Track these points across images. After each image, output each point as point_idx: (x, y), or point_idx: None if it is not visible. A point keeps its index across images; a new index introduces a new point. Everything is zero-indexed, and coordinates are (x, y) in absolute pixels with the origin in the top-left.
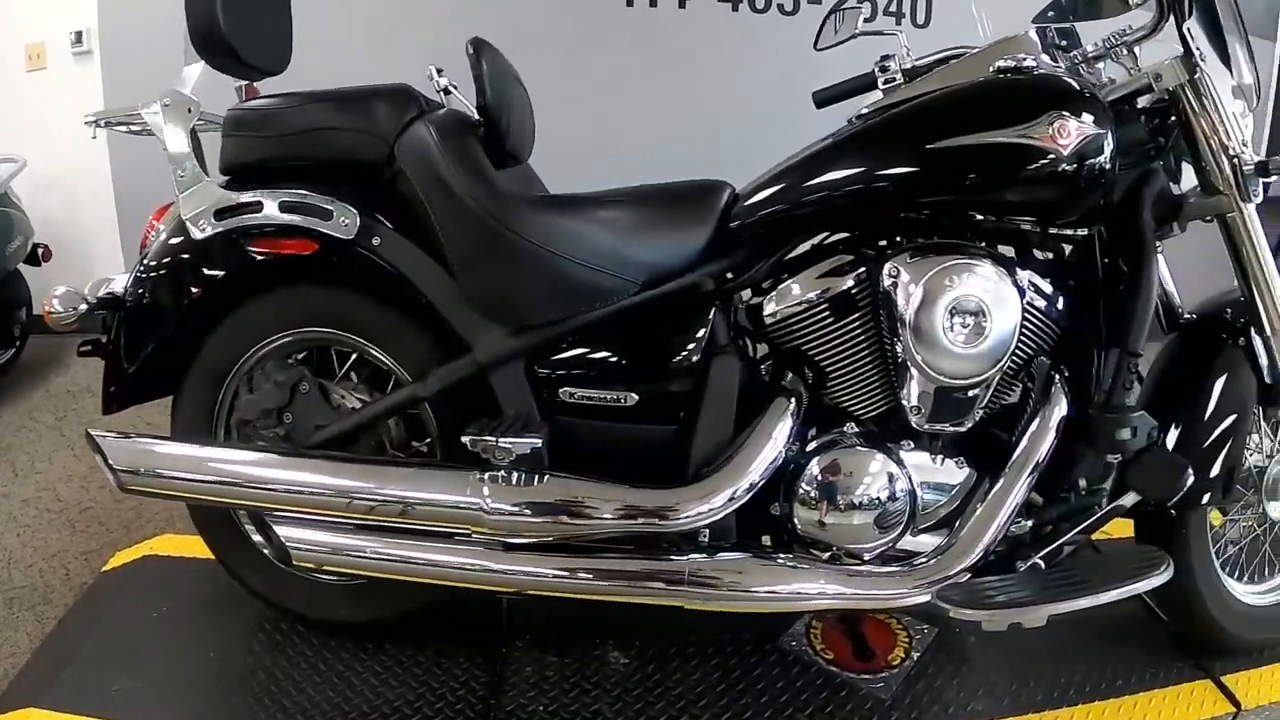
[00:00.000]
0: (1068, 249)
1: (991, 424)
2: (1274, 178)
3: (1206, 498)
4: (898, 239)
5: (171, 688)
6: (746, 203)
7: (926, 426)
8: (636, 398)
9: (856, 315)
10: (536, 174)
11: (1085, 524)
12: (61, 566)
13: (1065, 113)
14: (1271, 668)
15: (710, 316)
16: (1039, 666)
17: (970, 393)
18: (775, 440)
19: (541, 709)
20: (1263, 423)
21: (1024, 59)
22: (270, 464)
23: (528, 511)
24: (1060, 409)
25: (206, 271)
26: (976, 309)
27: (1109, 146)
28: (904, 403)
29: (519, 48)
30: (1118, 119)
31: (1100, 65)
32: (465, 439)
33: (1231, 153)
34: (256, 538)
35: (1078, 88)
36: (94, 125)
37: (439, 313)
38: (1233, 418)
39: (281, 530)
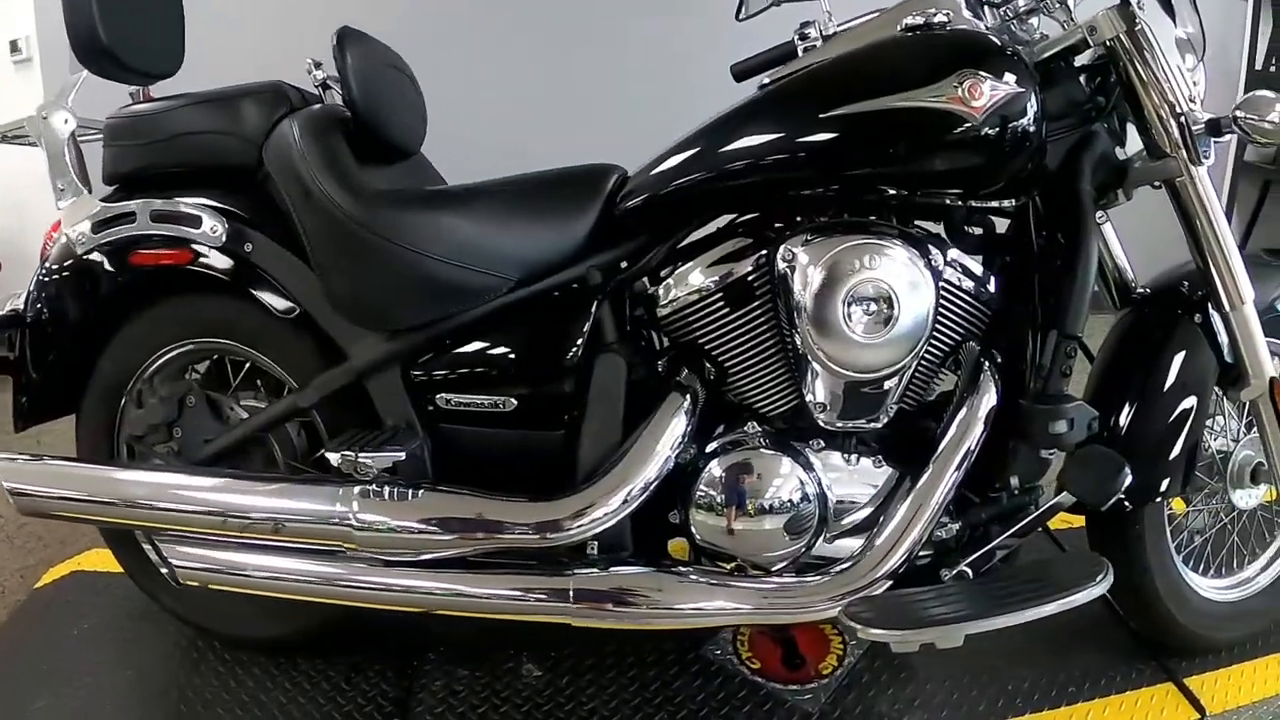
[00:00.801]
0: (1003, 224)
1: (921, 418)
2: (1227, 137)
3: (1163, 489)
4: (799, 219)
5: (88, 707)
6: (633, 186)
7: (834, 424)
8: (516, 402)
9: (755, 304)
10: (431, 166)
11: (1018, 527)
12: None
13: (978, 71)
14: (1239, 668)
15: (594, 311)
16: (984, 673)
17: (879, 386)
18: (664, 443)
19: None
20: (1225, 405)
21: (934, 14)
22: (144, 482)
23: (398, 527)
24: (989, 399)
25: (90, 285)
26: (880, 294)
27: (1032, 107)
28: (808, 399)
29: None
30: (1050, 78)
31: (1034, 20)
32: (328, 453)
33: (1178, 111)
34: (155, 556)
35: (994, 44)
36: None
37: (314, 320)
38: (1189, 401)
39: (166, 548)
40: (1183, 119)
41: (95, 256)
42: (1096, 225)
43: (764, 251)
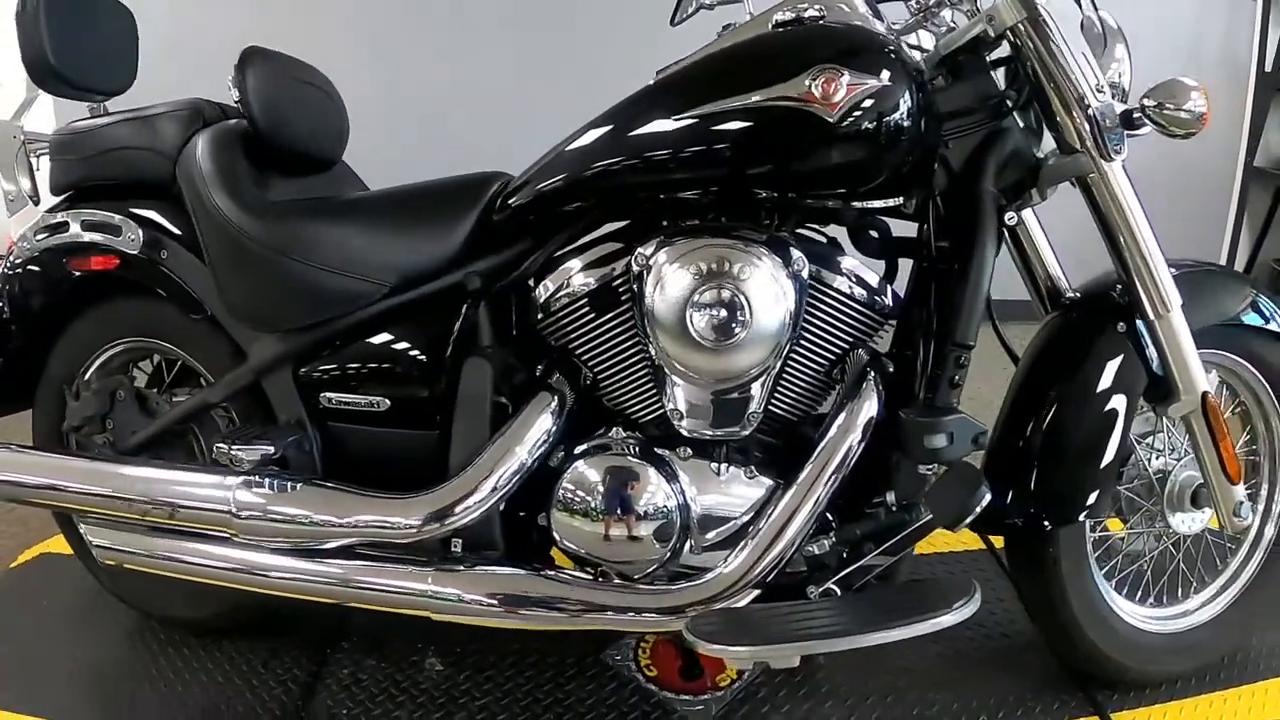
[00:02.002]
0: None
1: (809, 428)
2: (1143, 130)
3: (1077, 510)
4: (666, 224)
5: (28, 683)
6: (506, 193)
7: (694, 432)
8: (389, 403)
9: (619, 310)
10: (351, 174)
11: (887, 545)
12: None
13: (836, 66)
14: (1174, 705)
15: (466, 316)
16: (890, 694)
17: (737, 394)
18: (522, 444)
19: (345, 712)
20: (1163, 421)
21: (805, 9)
22: (58, 468)
23: (273, 517)
24: (869, 410)
25: (37, 288)
26: (728, 300)
27: (904, 103)
28: (667, 406)
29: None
30: (957, 72)
31: (945, 14)
32: (215, 445)
33: (1085, 103)
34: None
35: (859, 38)
36: None
37: (220, 322)
38: (1110, 416)
39: (87, 529)
40: (1090, 111)
41: (40, 261)
42: (999, 227)
43: (629, 258)
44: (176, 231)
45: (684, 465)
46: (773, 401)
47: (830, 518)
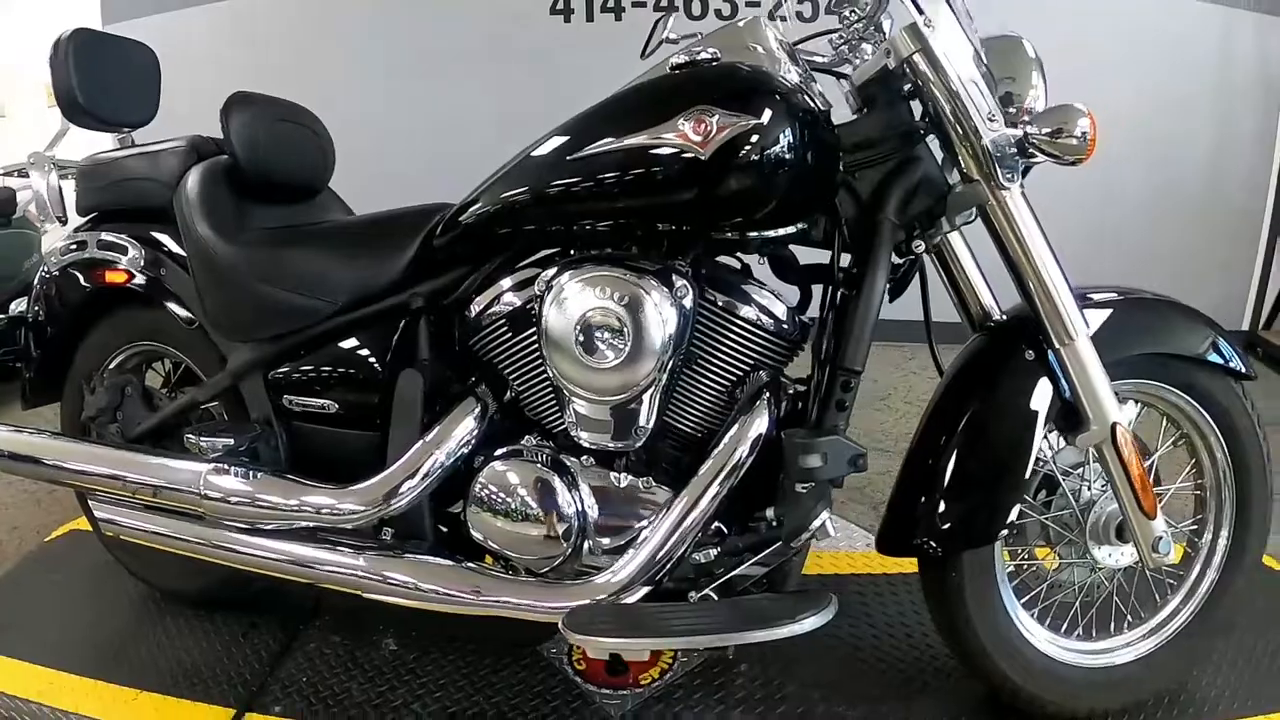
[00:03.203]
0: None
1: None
2: (1043, 159)
3: (982, 537)
4: (573, 251)
5: (43, 639)
6: (445, 222)
7: (591, 443)
8: (337, 406)
9: (530, 330)
10: (337, 200)
11: (759, 556)
12: (19, 538)
13: (710, 107)
14: None
15: (404, 333)
16: (803, 704)
17: (624, 410)
18: (443, 446)
19: (304, 681)
20: (1091, 453)
21: (699, 52)
22: (63, 450)
23: (232, 500)
24: (758, 427)
25: (65, 296)
26: (610, 324)
27: (786, 137)
28: (566, 418)
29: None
30: (870, 103)
31: (867, 47)
32: (186, 435)
33: (979, 132)
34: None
35: (738, 78)
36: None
37: (206, 332)
38: (1016, 443)
39: (93, 504)
40: (984, 141)
41: (65, 274)
42: (890, 256)
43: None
44: (173, 253)
45: (585, 473)
46: (672, 417)
47: (724, 528)
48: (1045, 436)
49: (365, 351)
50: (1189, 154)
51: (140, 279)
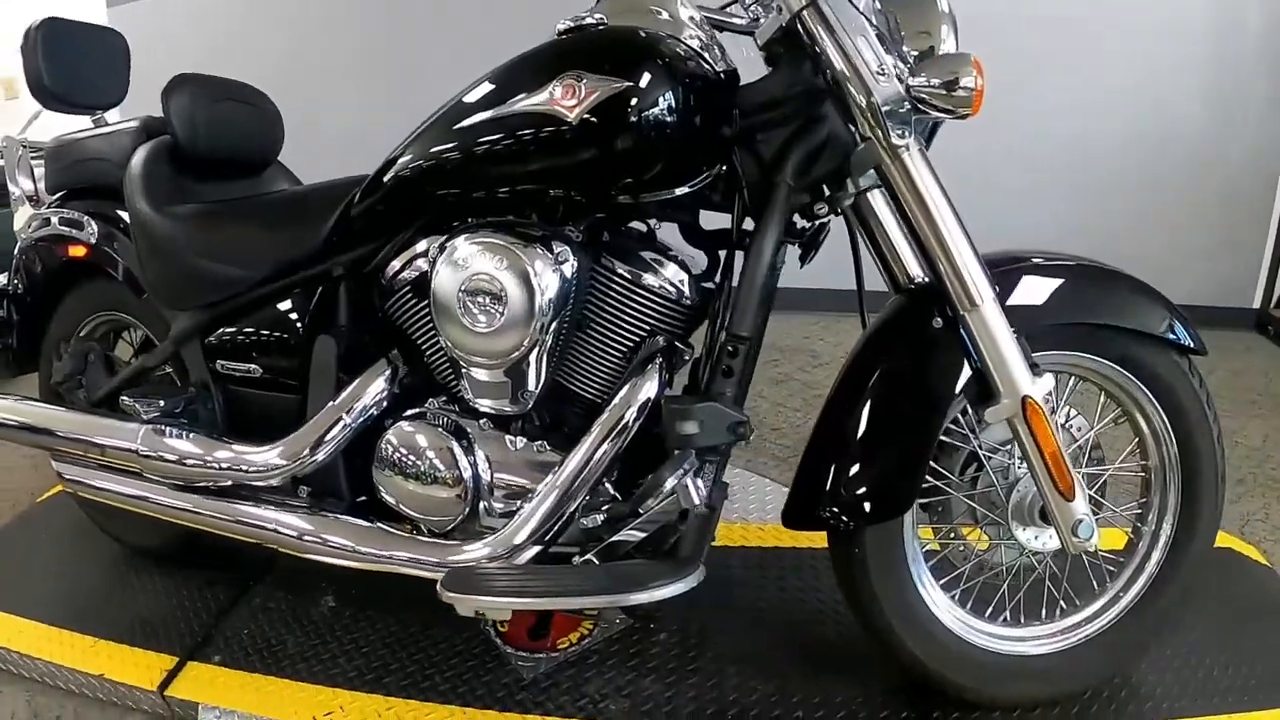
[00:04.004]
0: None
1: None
2: (946, 115)
3: (883, 511)
4: (472, 220)
5: (25, 592)
6: (360, 192)
7: (481, 406)
8: (261, 370)
9: (427, 295)
10: (286, 173)
11: (636, 522)
12: (14, 501)
13: (581, 72)
14: None
15: (322, 300)
16: (715, 677)
17: (511, 375)
18: (351, 408)
19: (245, 633)
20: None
21: (584, 17)
22: (22, 412)
23: (163, 457)
24: (647, 392)
25: (35, 270)
26: (489, 289)
27: (657, 100)
28: (461, 382)
29: None
30: (773, 64)
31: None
32: (121, 398)
33: (868, 88)
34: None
35: (613, 42)
36: None
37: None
38: (919, 414)
39: (55, 464)
40: (871, 97)
41: (36, 249)
42: (785, 220)
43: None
44: (125, 228)
45: (483, 436)
46: (569, 381)
47: (618, 495)
48: (967, 410)
49: (286, 318)
50: (1193, 126)
51: (97, 253)
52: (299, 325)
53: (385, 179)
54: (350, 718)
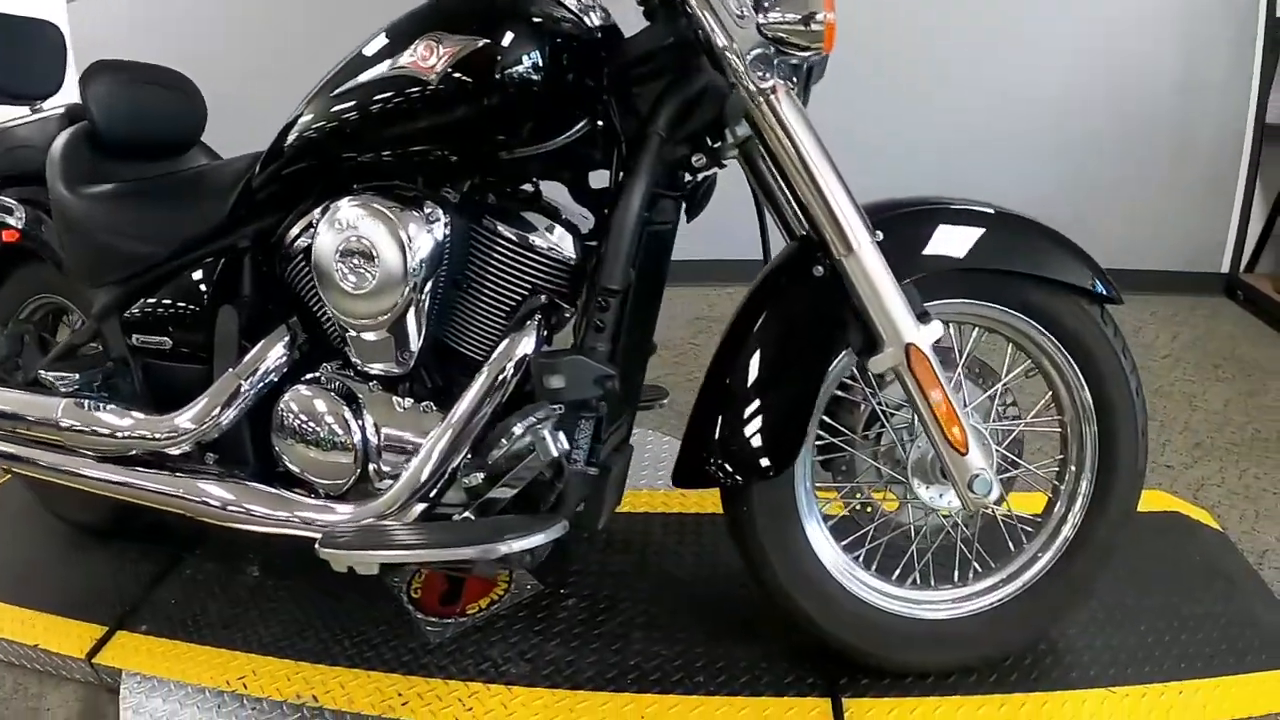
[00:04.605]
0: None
1: None
2: (802, 53)
3: (767, 466)
4: (355, 185)
5: None
6: (259, 164)
7: (365, 368)
8: (170, 342)
9: None
10: (208, 152)
11: (507, 477)
12: None
13: (441, 32)
14: (911, 702)
15: (225, 273)
16: (618, 641)
17: (389, 335)
18: (249, 375)
19: (172, 603)
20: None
21: None
22: None
23: (78, 429)
24: (524, 349)
25: None
26: (363, 250)
27: (523, 57)
28: (347, 345)
29: None
30: (650, 16)
31: None
32: (38, 373)
33: (729, 32)
34: None
35: (475, 4)
36: None
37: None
38: (800, 366)
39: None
40: (734, 42)
41: None
42: (652, 171)
43: None
44: (49, 212)
45: (371, 399)
46: (453, 341)
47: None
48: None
49: (194, 291)
50: (1157, 82)
51: (28, 237)
52: (205, 297)
53: (278, 147)
54: (261, 682)
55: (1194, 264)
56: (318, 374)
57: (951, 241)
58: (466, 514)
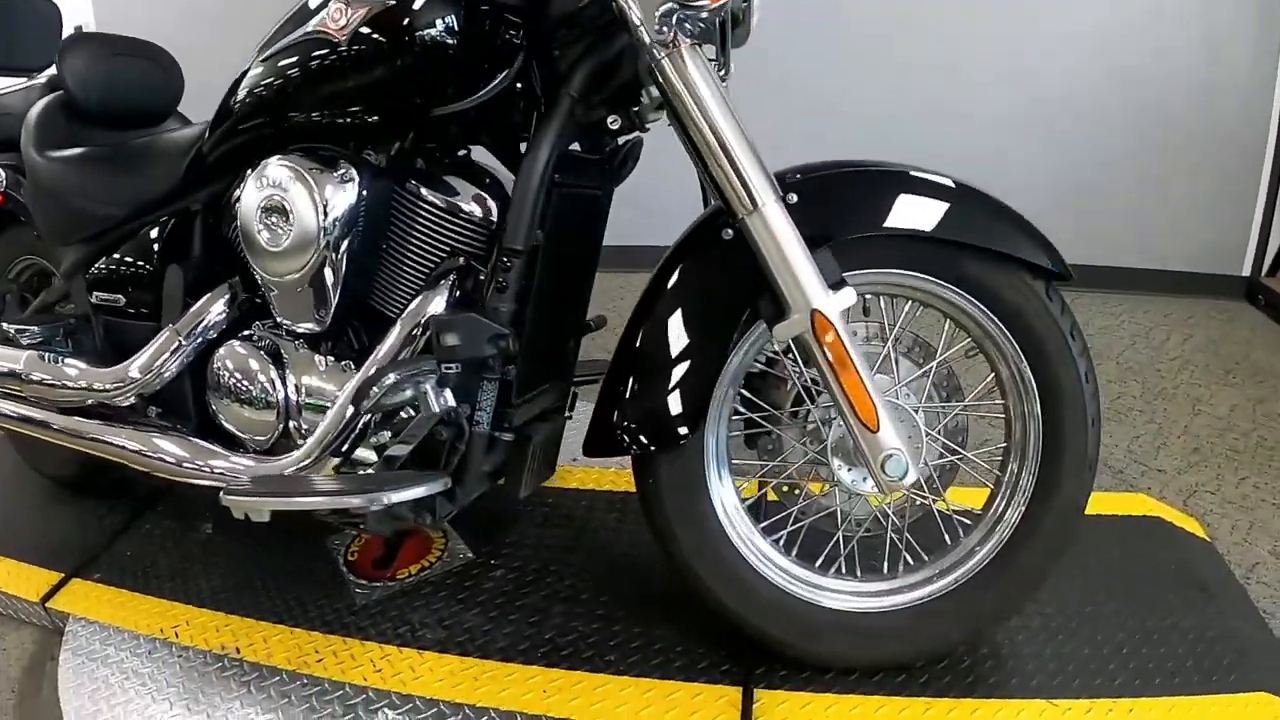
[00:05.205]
0: None
1: None
2: (707, 8)
3: (666, 436)
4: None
5: None
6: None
7: (287, 324)
8: (124, 299)
9: None
10: (185, 122)
11: (402, 433)
12: None
13: None
14: (826, 698)
15: (171, 232)
16: (538, 615)
17: (306, 293)
18: (187, 331)
19: (129, 554)
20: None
21: None
22: None
23: (37, 381)
24: (435, 307)
25: None
26: (276, 209)
27: (429, 19)
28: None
29: None
30: None
31: None
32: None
33: None
34: None
35: None
36: None
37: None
38: (702, 333)
39: None
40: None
41: None
42: (554, 132)
43: None
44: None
45: (295, 357)
46: (377, 303)
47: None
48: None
49: (146, 251)
50: (1178, 81)
51: (10, 200)
52: (153, 257)
53: (223, 109)
54: (192, 632)
55: (1214, 266)
56: (249, 332)
57: (873, 206)
58: (368, 470)
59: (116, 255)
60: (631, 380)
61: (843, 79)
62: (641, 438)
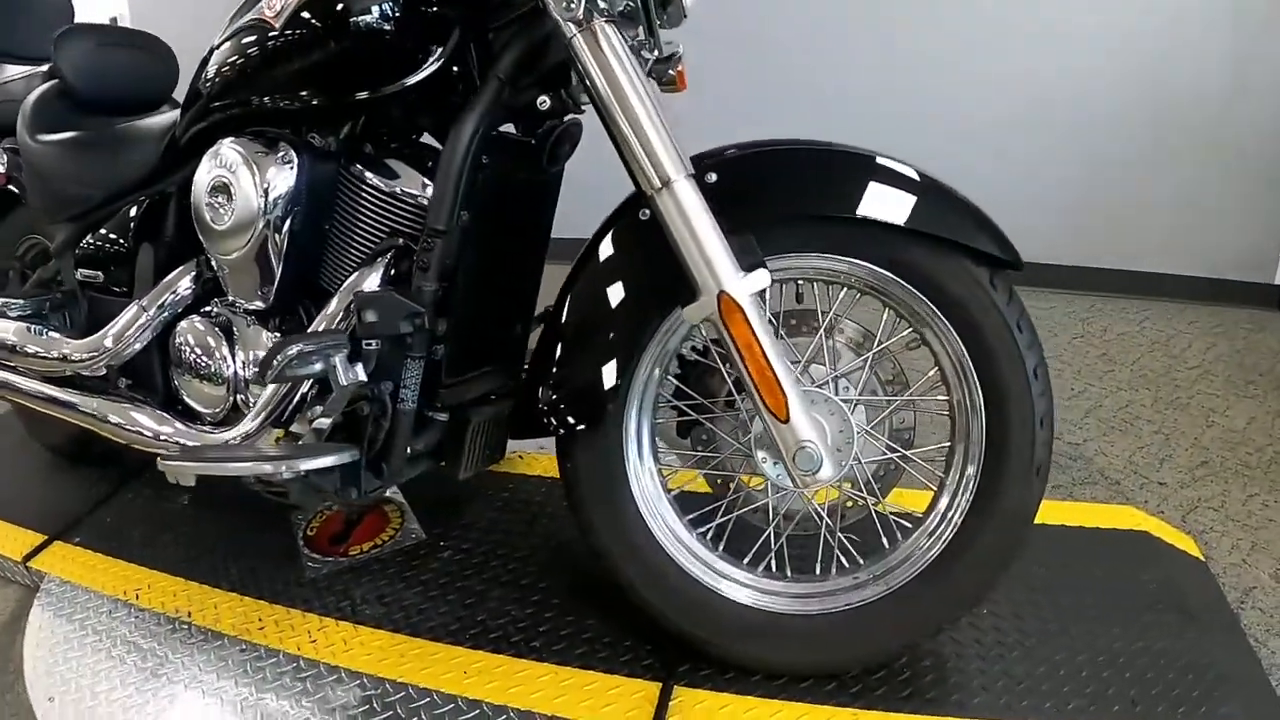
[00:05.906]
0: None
1: None
2: None
3: (580, 417)
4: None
5: None
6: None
7: (236, 301)
8: (102, 276)
9: None
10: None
11: (329, 402)
12: None
13: None
14: (744, 700)
15: (145, 212)
16: (473, 598)
17: (250, 270)
18: (150, 306)
19: (108, 522)
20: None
21: None
22: None
23: (28, 352)
24: (370, 284)
25: None
26: (220, 189)
27: (361, 3)
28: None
29: None
30: None
31: None
32: None
33: None
34: None
35: None
36: None
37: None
38: (620, 313)
39: None
40: None
41: None
42: (478, 113)
43: None
44: None
45: (246, 333)
46: (325, 281)
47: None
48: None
49: (124, 230)
50: (1208, 83)
51: (12, 181)
52: (128, 236)
53: (190, 94)
54: (153, 594)
55: (1244, 273)
56: (207, 309)
57: (799, 186)
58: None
59: (100, 234)
60: (553, 361)
61: (870, 78)
62: (561, 418)
